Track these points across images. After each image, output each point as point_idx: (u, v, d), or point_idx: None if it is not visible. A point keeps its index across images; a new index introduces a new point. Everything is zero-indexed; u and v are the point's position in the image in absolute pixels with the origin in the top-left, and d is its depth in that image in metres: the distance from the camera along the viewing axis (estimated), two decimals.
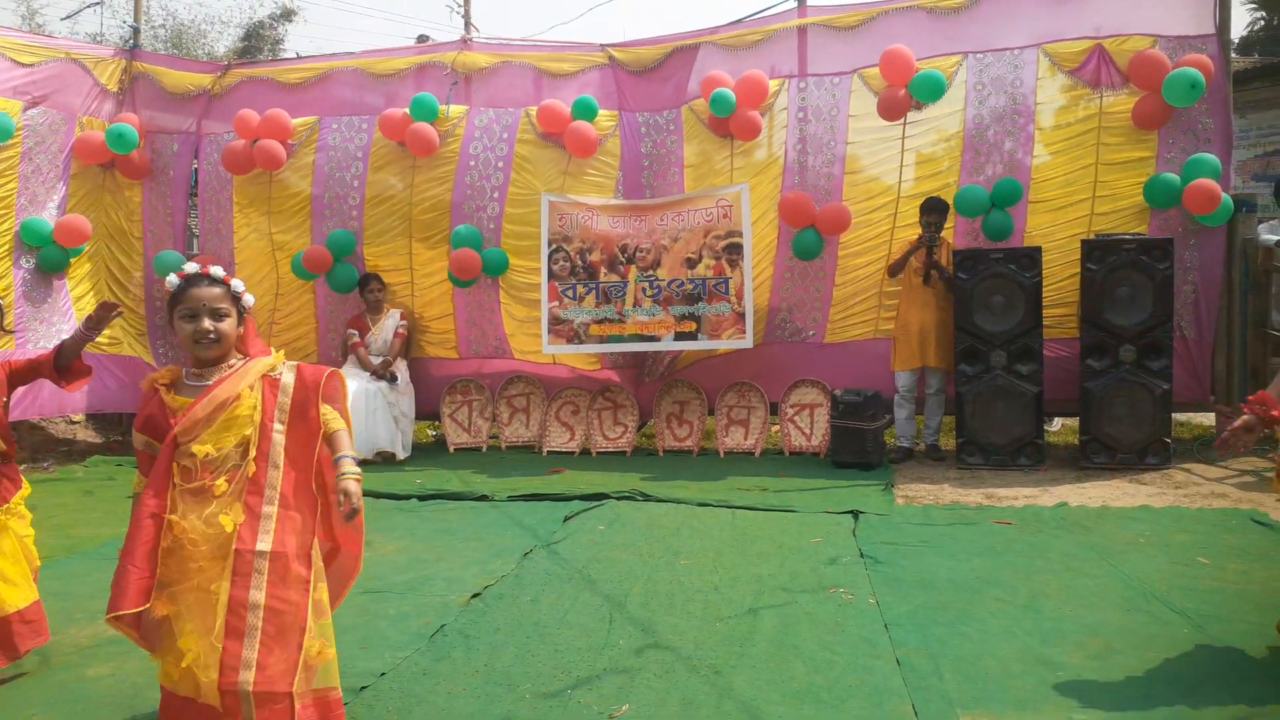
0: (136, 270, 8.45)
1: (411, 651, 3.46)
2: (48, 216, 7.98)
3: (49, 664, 3.42)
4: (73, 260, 8.14)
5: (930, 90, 6.98)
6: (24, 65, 7.82)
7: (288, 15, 27.10)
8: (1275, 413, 3.09)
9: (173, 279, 2.68)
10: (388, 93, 8.19)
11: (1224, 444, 3.16)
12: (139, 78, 8.45)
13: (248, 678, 2.42)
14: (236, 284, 2.72)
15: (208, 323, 2.63)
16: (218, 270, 2.72)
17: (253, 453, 2.58)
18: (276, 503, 2.57)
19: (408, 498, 6.15)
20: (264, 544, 2.51)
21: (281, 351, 2.82)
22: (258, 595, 2.47)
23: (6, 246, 7.82)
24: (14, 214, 7.82)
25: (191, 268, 2.70)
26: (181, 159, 8.45)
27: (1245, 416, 3.13)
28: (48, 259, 7.96)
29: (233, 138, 8.16)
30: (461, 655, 3.43)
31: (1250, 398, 3.17)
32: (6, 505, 3.39)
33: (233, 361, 2.70)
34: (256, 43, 33.61)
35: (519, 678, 3.22)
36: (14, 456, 3.50)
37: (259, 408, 2.62)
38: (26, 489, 3.51)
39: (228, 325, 2.66)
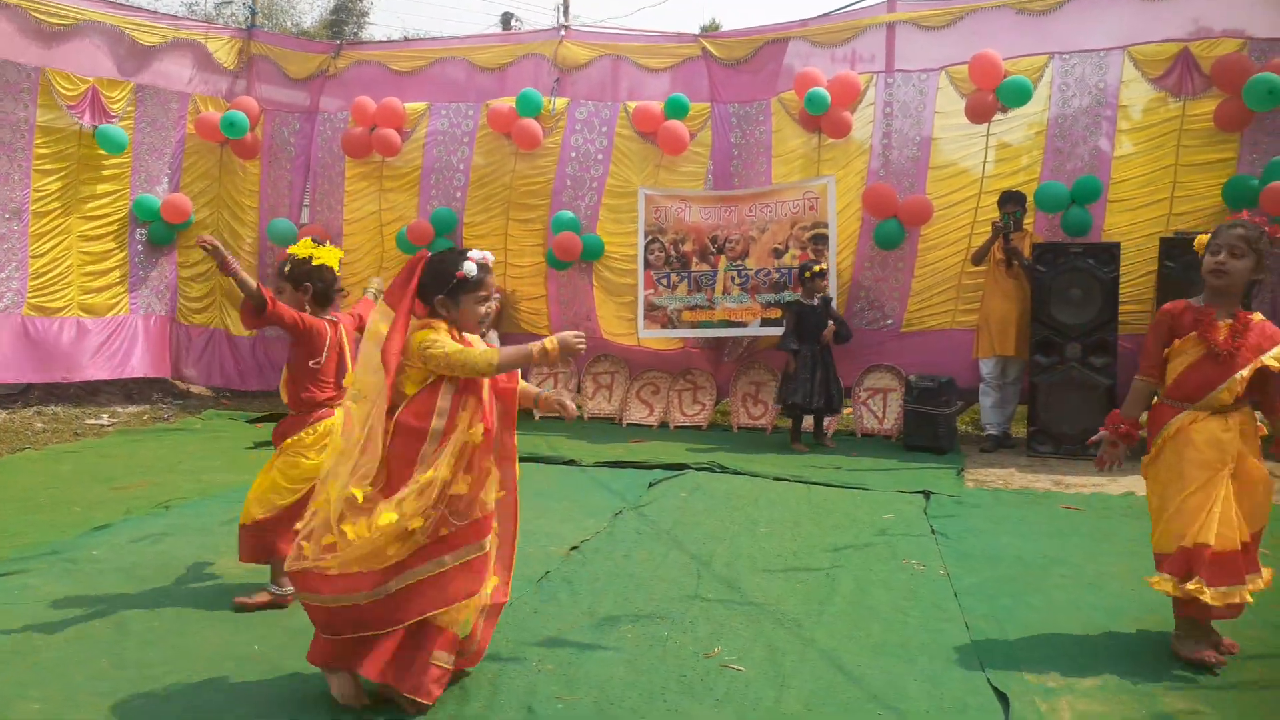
0: (249, 236, 9.01)
1: (521, 594, 3.85)
2: (160, 192, 8.62)
3: (208, 588, 3.88)
4: (180, 233, 8.76)
5: (1017, 96, 7.17)
6: (144, 46, 8.41)
7: None
8: (1124, 428, 3.36)
9: (471, 267, 2.96)
10: (492, 77, 8.66)
11: (1101, 463, 3.42)
12: (256, 58, 8.99)
13: None
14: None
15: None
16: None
17: None
18: None
19: None
20: None
21: None
22: None
23: (123, 219, 8.47)
24: (129, 189, 8.46)
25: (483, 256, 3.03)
26: (301, 135, 9.00)
27: (1103, 433, 3.41)
28: (156, 233, 8.62)
29: (346, 116, 8.70)
30: (567, 598, 3.82)
31: (1107, 418, 3.43)
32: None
33: None
34: (344, 15, 34.42)
35: (620, 620, 3.59)
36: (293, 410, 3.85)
37: None
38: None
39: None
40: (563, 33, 8.68)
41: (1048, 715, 2.83)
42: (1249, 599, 3.13)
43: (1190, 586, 3.08)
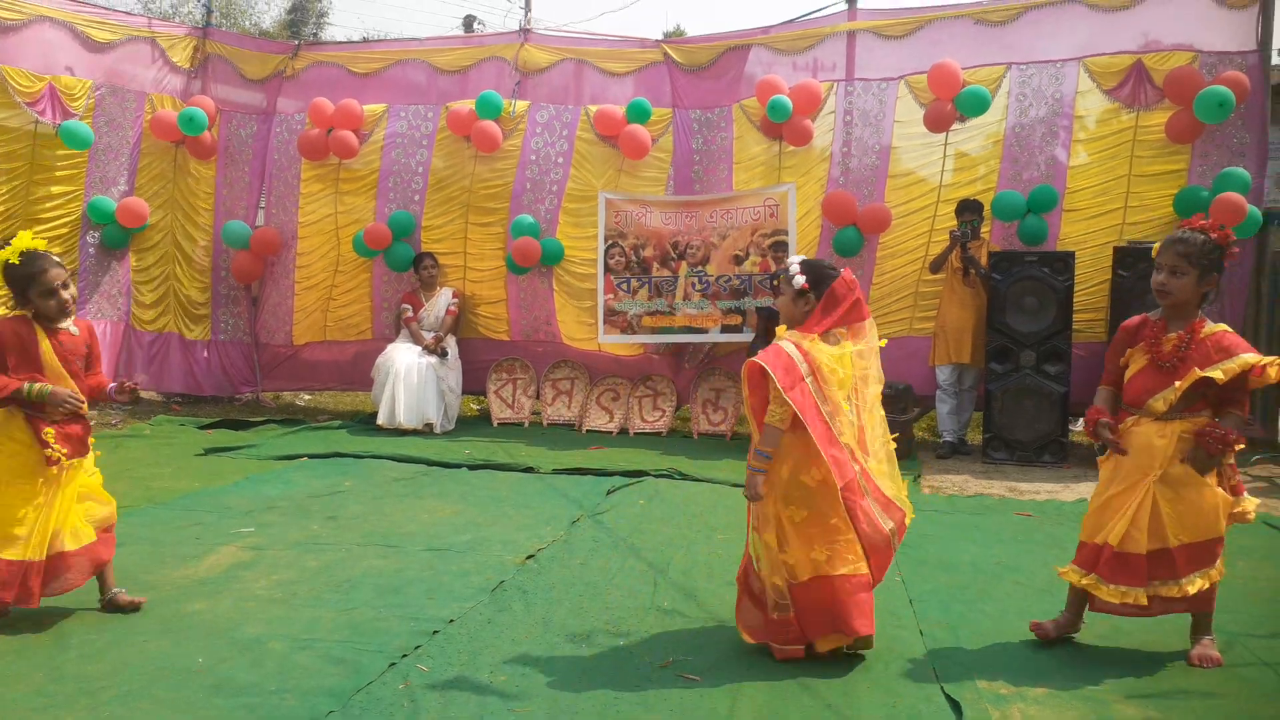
0: (203, 240, 8.85)
1: (475, 603, 3.80)
2: (116, 194, 8.41)
3: (153, 599, 3.78)
4: (134, 236, 8.56)
5: (975, 105, 7.24)
6: (99, 44, 8.23)
7: None
8: (1092, 414, 3.46)
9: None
10: (453, 80, 8.59)
11: (1115, 449, 3.42)
12: (212, 57, 8.84)
13: None
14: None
15: None
16: None
17: None
18: None
19: (459, 466, 6.51)
20: None
21: None
22: None
23: (75, 221, 8.25)
24: (84, 190, 8.25)
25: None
26: (258, 137, 8.85)
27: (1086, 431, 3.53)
28: (110, 237, 8.40)
29: (303, 117, 8.58)
30: (521, 608, 3.77)
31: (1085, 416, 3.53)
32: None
33: None
34: (302, 15, 34.11)
35: (575, 629, 3.55)
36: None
37: None
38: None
39: None
40: (524, 36, 8.64)
41: None
42: (1144, 601, 3.25)
43: (1085, 581, 3.37)
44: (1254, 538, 4.98)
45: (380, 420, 7.72)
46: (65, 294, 3.51)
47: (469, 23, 25.42)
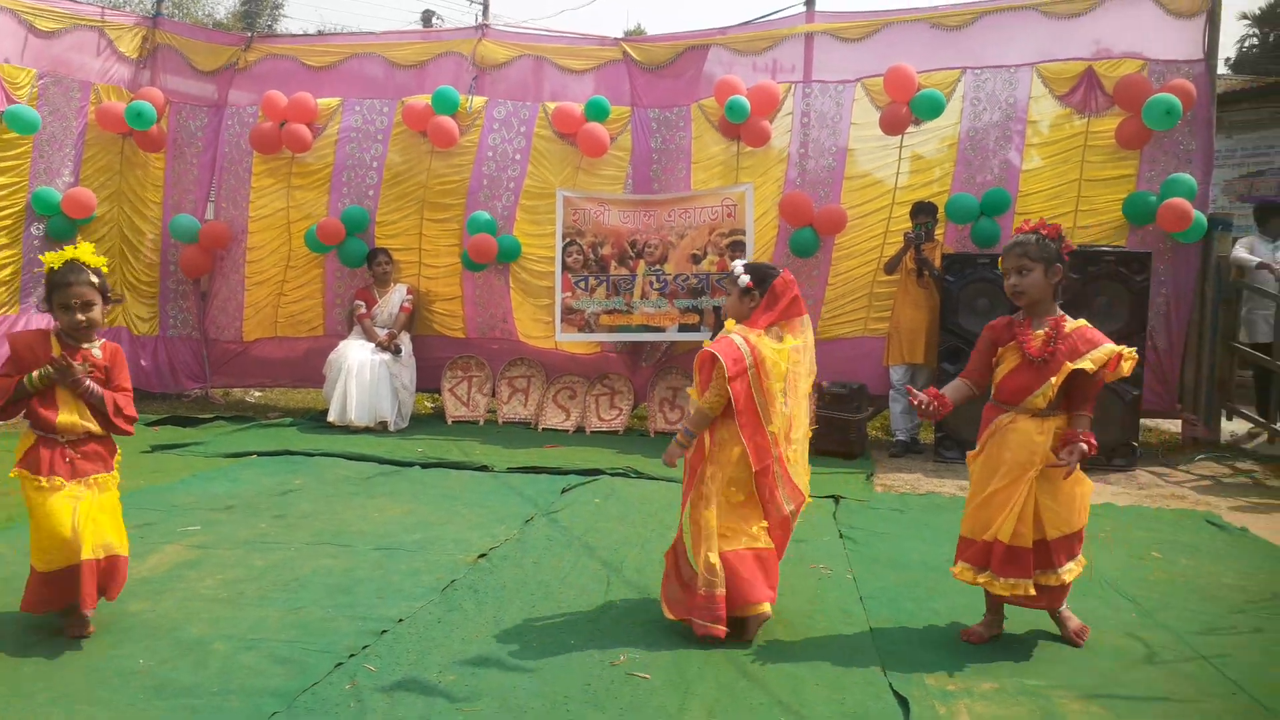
0: (151, 233, 8.67)
1: (425, 603, 3.76)
2: (61, 185, 8.20)
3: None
4: (81, 228, 8.35)
5: (930, 109, 7.31)
6: (43, 32, 8.02)
7: None
8: (933, 393, 3.54)
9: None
10: (409, 74, 8.50)
11: (921, 415, 3.60)
12: (161, 47, 8.66)
13: None
14: None
15: None
16: None
17: None
18: None
19: (411, 465, 6.44)
20: None
21: None
22: None
23: (19, 212, 8.03)
24: (28, 181, 8.03)
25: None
26: (208, 129, 8.69)
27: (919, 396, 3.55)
28: (55, 228, 8.18)
29: (255, 110, 8.44)
30: (472, 607, 3.74)
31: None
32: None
33: None
34: (256, 6, 33.62)
35: (526, 629, 3.53)
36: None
37: None
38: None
39: None
40: (482, 31, 8.57)
41: (946, 719, 2.86)
42: (1032, 592, 3.39)
43: (981, 579, 3.46)
44: (1196, 535, 5.09)
45: (331, 417, 7.63)
46: (81, 315, 3.38)
47: (427, 17, 25.20)
